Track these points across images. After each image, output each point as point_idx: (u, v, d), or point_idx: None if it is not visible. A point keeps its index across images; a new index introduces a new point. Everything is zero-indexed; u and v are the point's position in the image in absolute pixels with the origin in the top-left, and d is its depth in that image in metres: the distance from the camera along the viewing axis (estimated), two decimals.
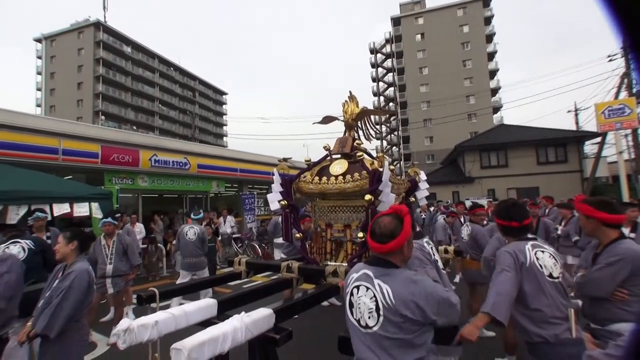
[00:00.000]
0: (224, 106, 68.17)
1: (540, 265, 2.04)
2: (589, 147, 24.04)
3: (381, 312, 1.49)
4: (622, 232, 2.17)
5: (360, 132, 4.15)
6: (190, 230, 5.80)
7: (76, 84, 43.53)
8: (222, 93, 67.91)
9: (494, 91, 40.60)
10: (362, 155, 3.39)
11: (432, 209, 10.96)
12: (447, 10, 41.50)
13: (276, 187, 3.69)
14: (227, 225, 10.14)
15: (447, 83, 38.88)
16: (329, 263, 3.49)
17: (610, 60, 20.05)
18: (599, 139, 21.08)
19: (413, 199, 4.27)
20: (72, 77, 43.57)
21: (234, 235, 11.00)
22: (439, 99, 37.71)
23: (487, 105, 38.62)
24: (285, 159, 3.94)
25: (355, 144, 3.60)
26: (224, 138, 65.28)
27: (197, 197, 13.82)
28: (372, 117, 4.14)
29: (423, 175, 4.20)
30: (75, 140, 9.36)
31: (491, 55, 40.93)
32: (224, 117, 67.51)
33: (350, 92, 3.90)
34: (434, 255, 2.48)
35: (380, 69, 48.54)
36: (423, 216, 10.02)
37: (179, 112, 53.67)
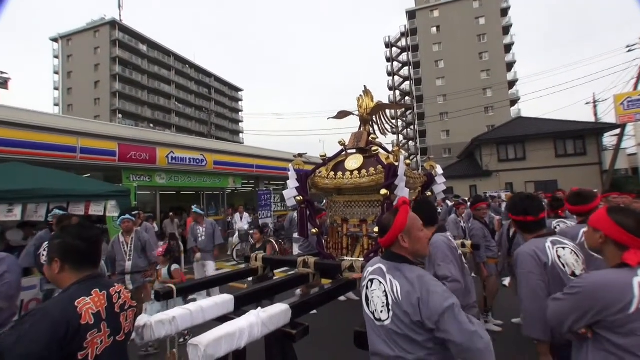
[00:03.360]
0: (239, 103, 68.63)
1: (563, 264, 1.95)
2: (608, 139, 23.32)
3: (391, 307, 1.51)
4: None
5: (376, 127, 4.12)
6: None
7: (93, 82, 44.27)
8: (238, 90, 68.34)
9: (511, 84, 39.56)
10: (377, 150, 3.34)
11: (448, 202, 10.79)
12: (463, 2, 40.49)
13: (292, 182, 3.69)
14: (244, 221, 10.23)
15: (464, 76, 38.10)
16: (345, 258, 3.48)
17: (629, 51, 19.43)
18: (618, 131, 20.51)
19: (430, 193, 4.20)
20: (89, 76, 44.31)
21: (251, 232, 11.10)
22: (455, 92, 36.98)
23: (504, 98, 37.67)
24: (300, 155, 3.92)
25: (370, 138, 3.56)
26: (240, 135, 65.85)
27: (214, 194, 13.99)
28: (387, 111, 4.08)
29: (439, 169, 4.12)
30: (93, 139, 9.51)
31: (508, 47, 39.85)
32: (240, 113, 68.01)
33: (365, 86, 3.85)
34: (459, 250, 2.44)
35: (395, 63, 47.91)
36: (439, 210, 9.88)
37: (195, 110, 54.35)
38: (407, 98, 46.54)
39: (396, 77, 47.98)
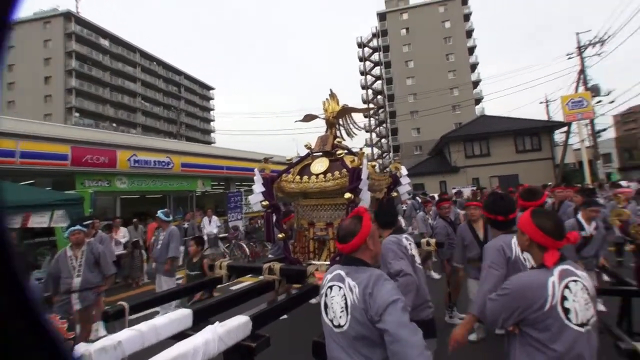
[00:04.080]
0: (211, 101, 66.78)
1: (525, 259, 2.11)
2: (558, 136, 24.92)
3: (349, 310, 1.51)
4: None
5: (342, 130, 4.12)
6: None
7: (43, 78, 40.40)
8: (209, 88, 66.42)
9: (475, 84, 41.11)
10: (342, 153, 3.34)
11: (418, 199, 11.03)
12: (429, 6, 41.79)
13: (258, 187, 3.62)
14: (213, 225, 9.94)
15: (432, 76, 39.11)
16: (312, 262, 3.45)
17: (569, 58, 21.06)
18: (565, 128, 22.08)
19: (395, 194, 4.26)
20: (37, 71, 40.09)
21: (220, 235, 10.83)
22: (425, 91, 37.88)
23: (469, 97, 39.09)
24: (266, 159, 3.86)
25: (336, 141, 3.55)
26: (212, 134, 64.23)
27: (181, 197, 13.54)
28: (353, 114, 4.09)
29: (404, 171, 4.19)
30: (37, 141, 8.59)
31: (471, 50, 41.49)
32: (211, 112, 66.25)
33: (330, 90, 3.84)
34: (410, 250, 2.47)
35: (368, 63, 48.49)
36: (404, 208, 10.06)
37: (164, 108, 52.28)
38: (379, 97, 47.22)
39: (369, 76, 48.57)
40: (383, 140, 48.73)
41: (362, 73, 48.50)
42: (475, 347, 3.78)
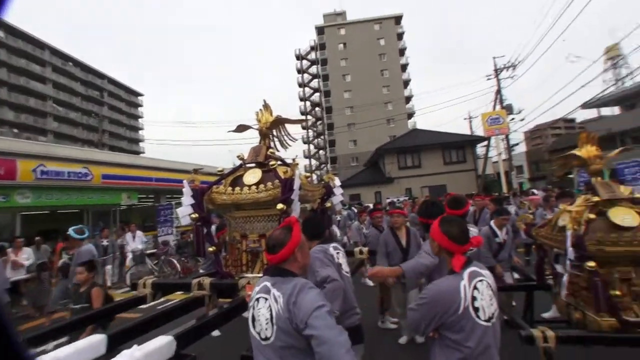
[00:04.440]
0: (139, 109, 62.14)
1: None
2: (480, 149, 27.88)
3: (274, 321, 1.50)
4: None
5: (276, 141, 4.13)
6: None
7: None
8: (137, 94, 61.82)
9: (408, 99, 44.29)
10: (275, 164, 3.34)
11: (354, 209, 11.40)
12: (365, 24, 44.32)
13: (187, 199, 3.45)
14: (137, 240, 9.17)
15: (368, 90, 41.24)
16: (245, 275, 3.37)
17: (488, 79, 24.09)
18: (486, 142, 24.89)
19: (329, 204, 4.36)
20: None
21: (147, 252, 10.04)
22: (361, 104, 39.75)
23: (402, 112, 41.94)
24: (196, 170, 3.71)
25: (269, 152, 3.55)
26: (140, 144, 59.70)
27: (103, 211, 12.29)
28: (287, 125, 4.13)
29: (337, 181, 4.33)
30: None
31: (404, 67, 44.70)
32: (140, 120, 61.63)
33: (264, 100, 3.84)
34: (337, 259, 2.55)
35: (306, 75, 49.42)
36: (338, 218, 10.35)
37: (83, 114, 47.28)
38: (317, 109, 48.31)
39: (307, 89, 49.50)
40: (321, 152, 49.76)
41: (300, 85, 49.33)
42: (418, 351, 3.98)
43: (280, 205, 2.98)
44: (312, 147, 50.33)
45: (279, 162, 3.67)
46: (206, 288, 3.07)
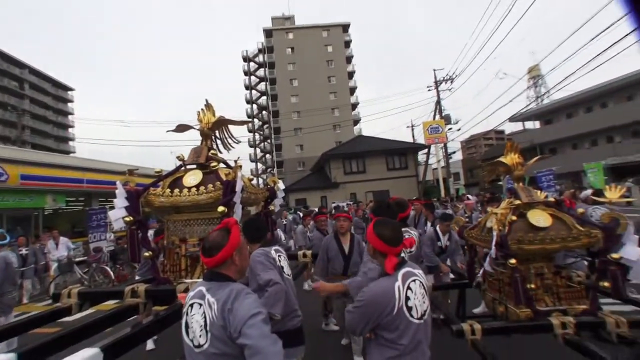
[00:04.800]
0: (69, 104, 56.26)
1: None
2: (421, 157, 29.80)
3: (208, 328, 1.46)
4: None
5: (219, 142, 4.06)
6: None
7: None
8: (67, 88, 55.88)
9: (354, 106, 45.77)
10: (217, 166, 3.30)
11: (300, 214, 11.49)
12: (314, 30, 45.03)
13: (120, 201, 3.25)
14: (62, 247, 8.32)
15: (315, 95, 41.89)
16: (184, 281, 3.26)
17: (429, 90, 25.98)
18: (426, 150, 26.69)
19: (272, 207, 4.39)
20: None
21: (76, 259, 9.14)
22: (308, 109, 40.23)
23: (348, 118, 43.23)
24: (131, 171, 3.51)
25: (210, 153, 3.48)
26: (70, 142, 54.05)
27: (22, 216, 10.94)
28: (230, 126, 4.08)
29: (281, 185, 4.36)
30: None
31: (351, 74, 46.15)
32: (70, 117, 55.77)
33: (206, 100, 3.77)
34: (279, 261, 2.59)
35: (253, 78, 48.75)
36: (284, 222, 10.37)
37: None
38: (264, 112, 47.87)
39: (254, 91, 48.88)
40: (267, 156, 49.36)
41: (247, 87, 48.57)
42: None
43: (221, 208, 2.94)
44: (258, 150, 49.69)
45: (221, 164, 3.63)
46: (141, 295, 2.92)
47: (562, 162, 24.50)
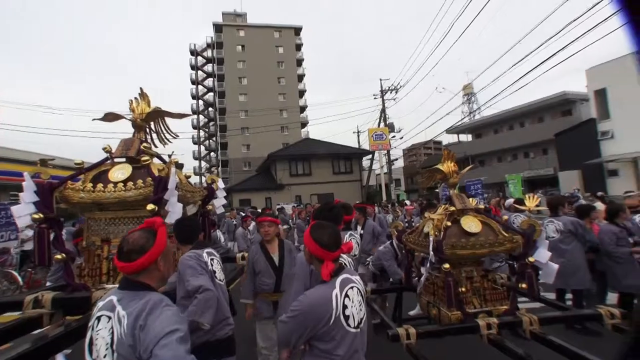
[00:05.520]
0: None
1: (346, 264, 2.25)
2: (365, 162, 30.84)
3: (115, 347, 1.26)
4: None
5: (155, 135, 3.75)
6: None
7: None
8: None
9: (303, 108, 45.95)
10: (149, 160, 3.02)
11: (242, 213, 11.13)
12: (266, 30, 44.35)
13: (27, 195, 2.83)
14: None
15: (264, 96, 41.24)
16: (104, 286, 2.92)
17: (375, 98, 27.14)
18: (370, 156, 27.72)
19: (210, 207, 4.16)
20: None
21: None
22: (256, 109, 39.46)
23: (296, 120, 43.27)
24: (44, 161, 3.07)
25: (142, 146, 3.18)
26: None
27: None
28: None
29: (221, 183, 4.15)
30: None
31: (301, 77, 46.32)
32: None
33: (141, 89, 3.44)
34: (211, 265, 2.43)
35: (201, 73, 46.63)
36: (234, 222, 10.00)
37: None
38: (210, 109, 46.03)
39: (201, 87, 46.79)
40: (212, 154, 47.52)
41: (193, 82, 46.38)
42: None
43: (151, 206, 2.69)
44: (202, 148, 47.60)
45: (155, 159, 3.34)
46: (45, 305, 2.55)
47: (489, 173, 27.05)
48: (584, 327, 4.03)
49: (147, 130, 3.48)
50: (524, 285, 2.71)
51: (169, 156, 3.17)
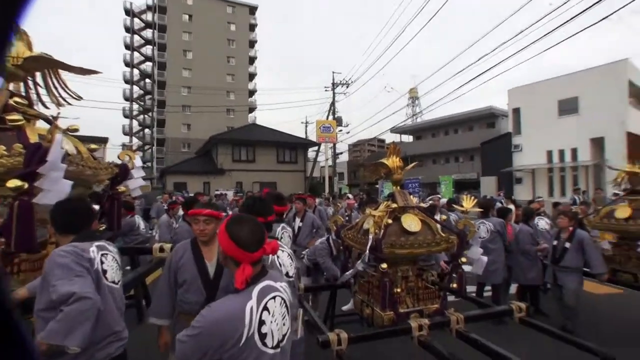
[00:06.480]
0: None
1: (280, 264, 2.06)
2: (311, 153, 30.61)
3: None
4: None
5: (45, 91, 2.91)
6: None
7: None
8: None
9: (251, 92, 44.14)
10: (21, 121, 2.24)
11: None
12: (217, 2, 41.09)
13: None
14: None
15: (211, 73, 38.58)
16: None
17: (326, 90, 26.97)
18: (317, 148, 27.55)
19: (123, 188, 3.42)
20: None
21: None
22: (201, 87, 36.82)
23: (244, 104, 41.42)
24: None
25: (12, 101, 2.38)
26: None
27: None
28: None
29: (138, 161, 3.44)
30: None
31: (252, 59, 44.24)
32: None
33: (17, 24, 2.58)
34: (100, 263, 1.81)
35: (138, 38, 42.22)
36: (165, 207, 9.00)
37: None
38: (147, 80, 42.12)
39: (137, 54, 42.47)
40: (147, 131, 43.72)
41: (127, 47, 41.83)
42: None
43: (15, 182, 1.96)
44: (135, 123, 43.59)
45: (39, 122, 2.55)
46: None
47: (425, 173, 28.60)
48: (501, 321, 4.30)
49: (30, 82, 2.65)
50: (455, 285, 2.82)
51: (54, 118, 2.41)
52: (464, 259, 2.85)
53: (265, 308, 1.32)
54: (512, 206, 7.01)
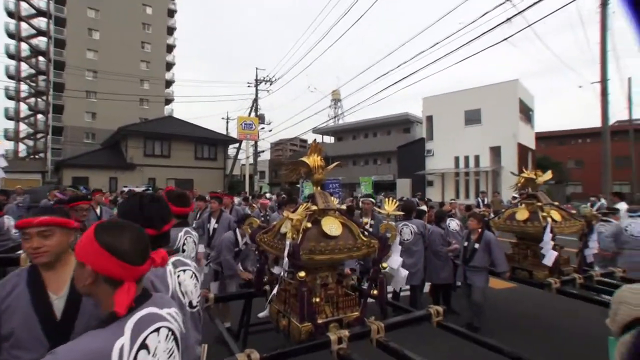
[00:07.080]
0: None
1: (183, 293, 1.66)
2: (231, 150, 29.96)
3: None
4: None
5: None
6: None
7: None
8: None
9: (169, 83, 41.16)
10: None
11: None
12: None
13: None
14: None
15: (122, 58, 34.93)
16: None
17: (249, 86, 26.71)
18: (237, 145, 27.06)
19: None
20: None
21: None
22: (110, 72, 33.13)
23: (160, 94, 38.45)
24: None
25: None
26: None
27: None
28: None
29: (0, 149, 3.12)
30: None
31: (170, 48, 41.20)
32: None
33: None
34: None
35: (27, 7, 36.22)
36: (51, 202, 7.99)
37: None
38: (41, 58, 36.50)
39: (27, 26, 36.44)
40: (40, 117, 37.93)
41: (11, 15, 35.66)
42: None
43: None
44: (24, 107, 37.47)
45: None
46: None
47: (345, 174, 30.09)
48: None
49: None
50: (375, 292, 2.69)
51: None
52: (384, 265, 2.71)
53: (144, 346, 0.99)
54: (424, 207, 7.38)
